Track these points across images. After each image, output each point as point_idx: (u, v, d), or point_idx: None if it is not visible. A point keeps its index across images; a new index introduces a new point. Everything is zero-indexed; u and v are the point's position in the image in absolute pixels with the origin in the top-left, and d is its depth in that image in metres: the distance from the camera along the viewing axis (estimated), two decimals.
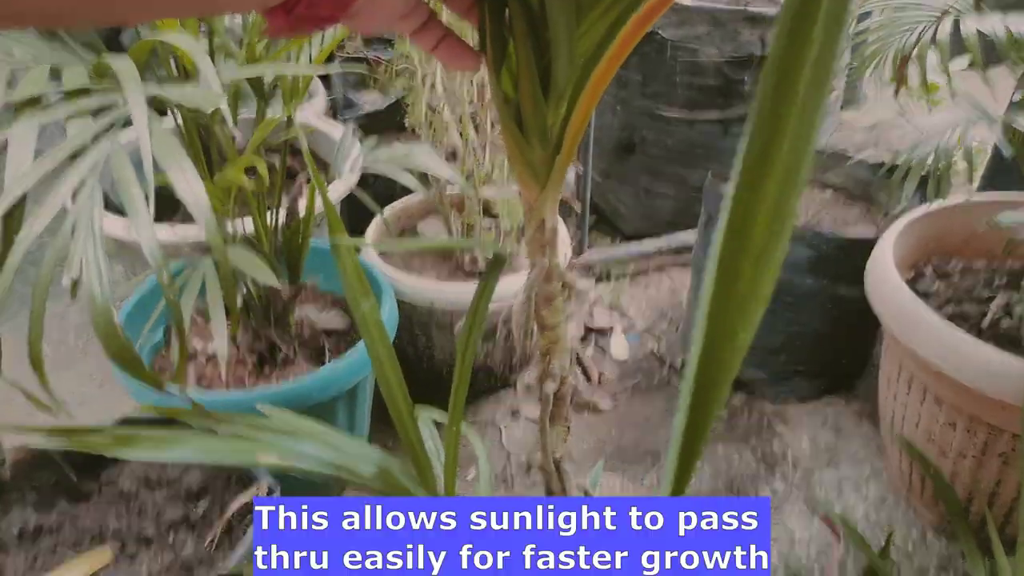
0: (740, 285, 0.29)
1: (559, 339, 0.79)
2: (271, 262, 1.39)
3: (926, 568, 1.45)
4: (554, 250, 0.75)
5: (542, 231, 0.73)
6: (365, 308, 0.71)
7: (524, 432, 1.78)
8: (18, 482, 1.14)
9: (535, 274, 0.74)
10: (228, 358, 1.51)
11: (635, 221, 2.47)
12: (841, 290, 1.66)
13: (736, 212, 0.29)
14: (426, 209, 1.98)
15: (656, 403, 1.86)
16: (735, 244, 0.29)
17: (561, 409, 0.83)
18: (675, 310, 2.16)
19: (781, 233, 0.29)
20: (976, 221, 1.60)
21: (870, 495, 1.60)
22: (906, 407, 1.47)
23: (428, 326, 1.71)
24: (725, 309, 0.30)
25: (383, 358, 0.72)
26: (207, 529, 1.12)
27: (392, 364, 0.73)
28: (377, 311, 0.73)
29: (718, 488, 1.62)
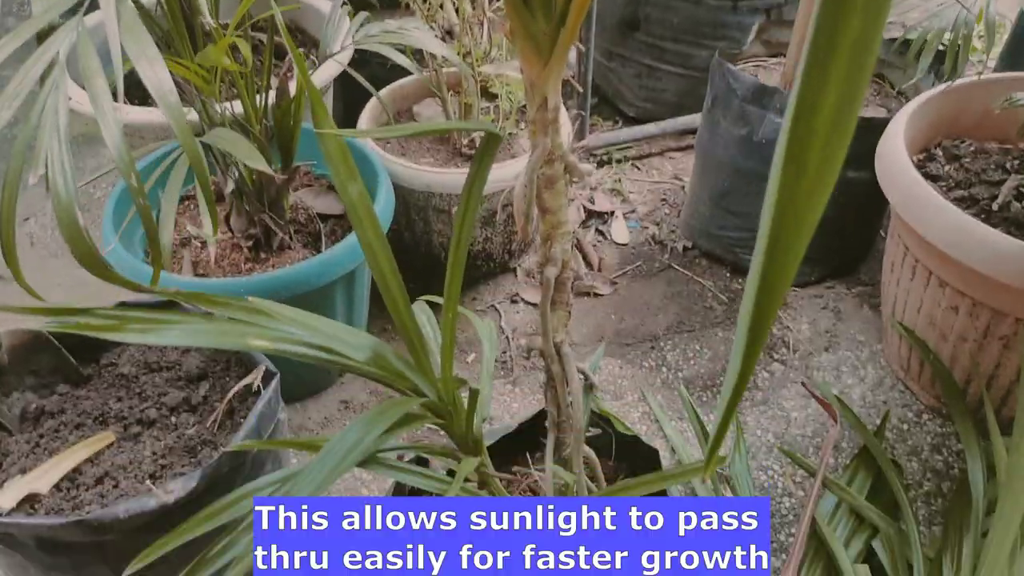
0: (808, 169, 0.28)
1: (561, 223, 0.77)
2: (262, 145, 1.35)
3: (920, 448, 1.47)
4: (557, 130, 0.71)
5: (545, 110, 0.70)
6: (353, 193, 0.68)
7: (523, 317, 1.78)
8: (16, 366, 1.14)
9: (537, 155, 0.71)
10: (224, 243, 1.49)
11: (638, 103, 2.39)
12: (849, 173, 1.62)
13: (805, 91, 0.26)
14: (422, 91, 1.91)
15: (656, 288, 1.85)
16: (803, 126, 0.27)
17: (562, 294, 0.82)
18: (677, 195, 2.13)
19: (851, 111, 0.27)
20: (992, 101, 1.54)
21: (868, 378, 1.61)
22: (909, 292, 1.46)
23: (425, 211, 1.68)
24: (793, 194, 0.28)
25: (374, 244, 0.70)
26: (208, 411, 1.13)
27: (384, 250, 0.71)
28: (367, 196, 0.70)
29: (716, 371, 1.63)
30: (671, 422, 1.52)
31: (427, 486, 0.75)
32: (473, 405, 0.75)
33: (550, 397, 0.88)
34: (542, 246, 0.78)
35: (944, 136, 1.60)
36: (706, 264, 1.91)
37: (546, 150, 0.71)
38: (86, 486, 1.02)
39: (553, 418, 0.90)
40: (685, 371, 1.65)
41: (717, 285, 1.85)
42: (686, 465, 0.79)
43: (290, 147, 1.40)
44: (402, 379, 0.73)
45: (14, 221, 0.78)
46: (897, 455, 1.46)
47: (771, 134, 1.64)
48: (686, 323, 1.76)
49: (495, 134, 0.71)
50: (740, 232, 1.80)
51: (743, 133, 1.68)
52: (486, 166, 0.71)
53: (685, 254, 1.94)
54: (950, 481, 1.41)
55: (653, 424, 1.53)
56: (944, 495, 1.39)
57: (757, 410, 1.56)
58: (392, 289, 0.72)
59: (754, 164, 1.69)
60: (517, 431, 1.15)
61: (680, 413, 1.55)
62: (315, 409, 1.57)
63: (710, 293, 1.83)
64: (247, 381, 1.12)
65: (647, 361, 1.67)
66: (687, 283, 1.86)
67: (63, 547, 0.95)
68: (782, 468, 1.44)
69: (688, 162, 2.26)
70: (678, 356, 1.68)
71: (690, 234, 1.94)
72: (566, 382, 0.84)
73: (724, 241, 1.84)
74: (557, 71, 0.68)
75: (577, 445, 0.86)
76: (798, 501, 1.38)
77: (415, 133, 1.27)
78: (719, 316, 1.77)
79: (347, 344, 0.71)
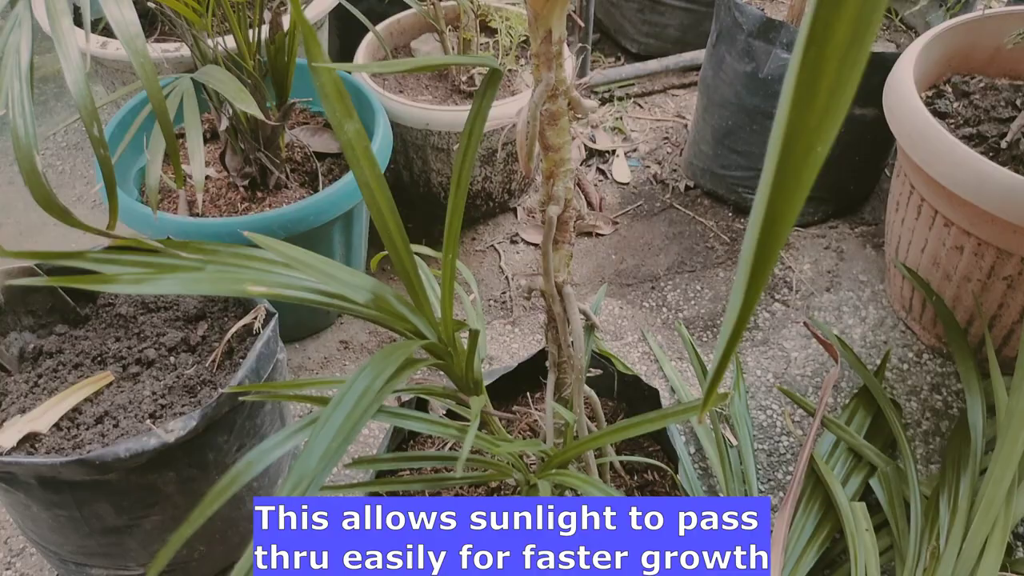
0: (819, 97, 0.27)
1: (563, 161, 0.75)
2: (256, 81, 1.31)
3: (919, 387, 1.47)
4: (561, 64, 0.69)
5: (549, 43, 0.67)
6: (350, 131, 0.66)
7: (523, 257, 1.77)
8: (13, 306, 1.13)
9: (540, 90, 0.69)
10: (219, 182, 1.47)
11: (640, 39, 2.34)
12: (856, 110, 1.59)
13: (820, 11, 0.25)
14: (420, 25, 1.87)
15: (657, 228, 1.83)
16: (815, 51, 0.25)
17: (564, 234, 0.81)
18: (679, 133, 2.09)
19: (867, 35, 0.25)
20: (1004, 36, 1.50)
21: (869, 318, 1.61)
22: (913, 231, 1.45)
23: (424, 149, 1.65)
24: (803, 123, 0.26)
25: (372, 183, 0.68)
26: (207, 351, 1.12)
27: (382, 189, 0.69)
28: (364, 134, 0.68)
29: (717, 311, 1.63)
30: (671, 362, 1.52)
31: (428, 430, 0.74)
32: (473, 346, 0.75)
33: (551, 337, 0.88)
34: (544, 185, 0.76)
35: (954, 72, 1.57)
36: (708, 204, 1.89)
37: (549, 85, 0.69)
38: (86, 425, 1.02)
39: (554, 358, 0.89)
40: (686, 311, 1.64)
41: (719, 225, 1.83)
42: (685, 403, 0.79)
43: (285, 84, 1.36)
44: (403, 321, 0.73)
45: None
46: (896, 395, 1.46)
47: (777, 70, 1.60)
48: (687, 263, 1.75)
49: (497, 69, 0.69)
50: (743, 171, 1.77)
51: (748, 69, 1.64)
52: (488, 102, 0.68)
53: (687, 193, 1.92)
54: (948, 421, 1.42)
55: (653, 364, 1.53)
56: (942, 434, 1.39)
57: (757, 350, 1.55)
58: (391, 229, 0.70)
59: (759, 101, 1.65)
60: (516, 371, 1.15)
61: (679, 353, 1.55)
62: (314, 349, 1.57)
63: (712, 233, 1.81)
64: (245, 321, 1.12)
65: (647, 301, 1.67)
66: (689, 223, 1.84)
67: (65, 485, 0.96)
68: (781, 408, 1.44)
69: (691, 100, 2.21)
70: (679, 296, 1.67)
71: (692, 173, 1.91)
72: (567, 322, 0.83)
73: (727, 180, 1.81)
74: (562, 2, 0.65)
75: (578, 385, 0.86)
76: (796, 440, 1.39)
77: (413, 69, 1.24)
78: (720, 256, 1.76)
79: (347, 285, 0.69)
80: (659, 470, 1.07)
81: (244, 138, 1.38)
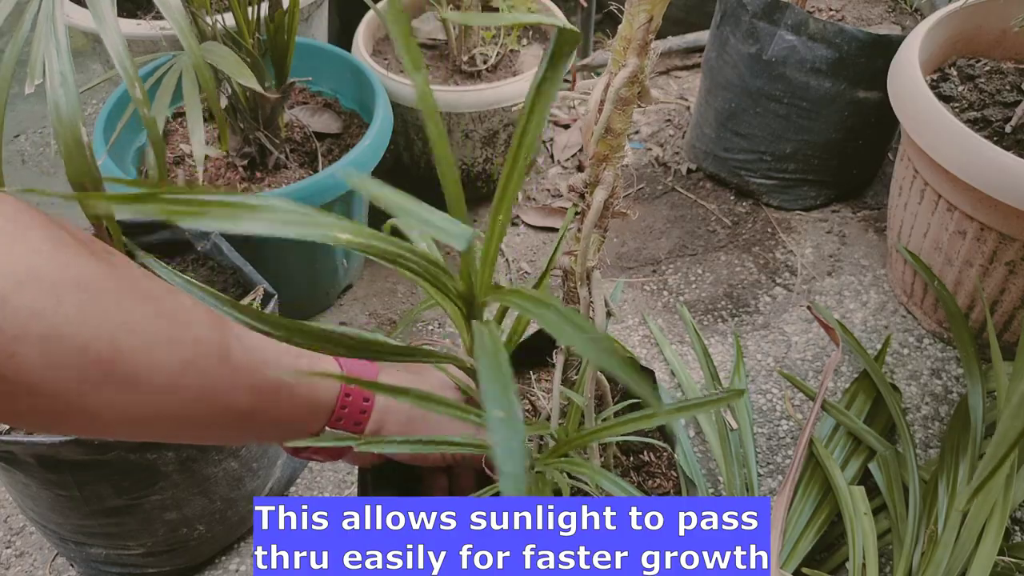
0: None
1: (620, 147, 0.75)
2: (255, 60, 1.30)
3: (919, 372, 1.47)
4: (646, 50, 0.68)
5: (648, 29, 0.66)
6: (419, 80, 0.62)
7: (523, 240, 1.76)
8: None
9: (624, 74, 0.68)
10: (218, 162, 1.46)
11: None
12: (860, 94, 1.58)
13: None
14: (421, 4, 1.85)
15: (659, 211, 1.83)
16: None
17: (603, 219, 0.81)
18: (681, 116, 2.08)
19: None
20: (1011, 19, 1.49)
21: (870, 302, 1.61)
22: (916, 216, 1.44)
23: (424, 130, 1.64)
24: None
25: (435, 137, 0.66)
26: None
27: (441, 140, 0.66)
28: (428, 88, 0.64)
29: (718, 295, 1.62)
30: (671, 346, 1.52)
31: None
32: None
33: None
34: (592, 168, 0.76)
35: (959, 55, 1.55)
36: (710, 187, 1.88)
37: (635, 71, 0.68)
38: None
39: None
40: (687, 295, 1.64)
41: (721, 208, 1.83)
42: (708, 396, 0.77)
43: (284, 62, 1.35)
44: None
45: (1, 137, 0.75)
46: (896, 379, 1.46)
47: (782, 52, 1.59)
48: (688, 247, 1.74)
49: (572, 30, 0.63)
50: (746, 154, 1.76)
51: (752, 51, 1.62)
52: (560, 68, 0.63)
53: (689, 176, 1.91)
54: (948, 405, 1.41)
55: (653, 348, 1.53)
56: (942, 419, 1.40)
57: (758, 334, 1.55)
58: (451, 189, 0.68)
59: (763, 84, 1.64)
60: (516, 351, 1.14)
61: (680, 337, 1.55)
62: None
63: (713, 217, 1.81)
64: (245, 301, 1.11)
65: (648, 284, 1.66)
66: (691, 206, 1.84)
67: (64, 465, 0.96)
68: (781, 392, 1.44)
69: (694, 81, 2.20)
70: (680, 280, 1.67)
71: (695, 156, 1.90)
72: (592, 307, 0.83)
73: (729, 164, 1.80)
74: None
75: (592, 371, 0.86)
76: (796, 424, 1.39)
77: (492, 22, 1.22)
78: (722, 240, 1.75)
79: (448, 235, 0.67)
80: (655, 450, 1.07)
81: (243, 117, 1.37)
